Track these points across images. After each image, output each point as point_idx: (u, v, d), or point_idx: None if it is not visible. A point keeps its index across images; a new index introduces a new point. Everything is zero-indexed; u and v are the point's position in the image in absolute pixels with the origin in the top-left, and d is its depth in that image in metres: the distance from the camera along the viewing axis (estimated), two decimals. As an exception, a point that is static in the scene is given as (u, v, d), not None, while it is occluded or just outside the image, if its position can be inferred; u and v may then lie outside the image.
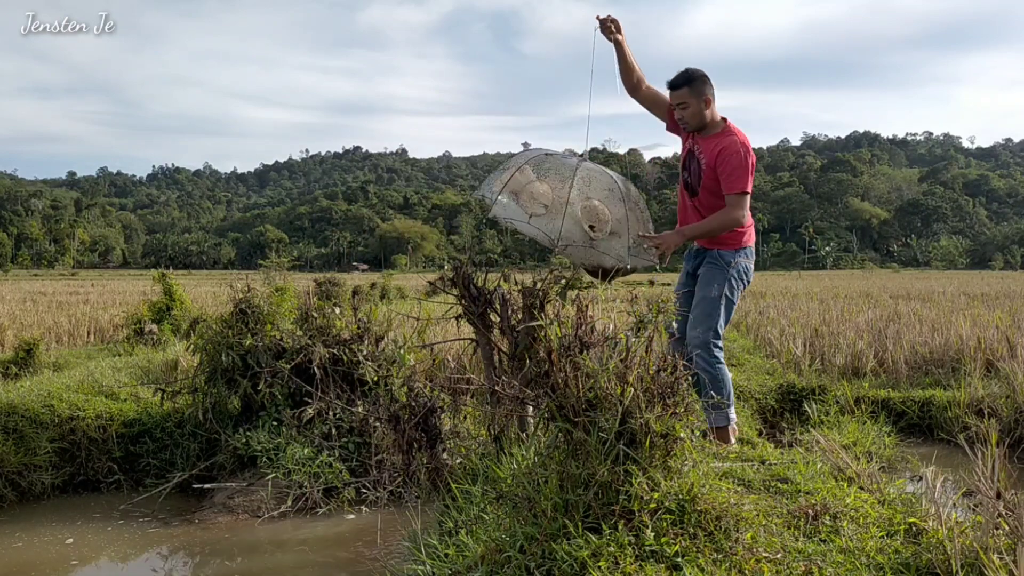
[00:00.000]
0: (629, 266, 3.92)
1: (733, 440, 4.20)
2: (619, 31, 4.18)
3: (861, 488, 3.16)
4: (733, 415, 4.27)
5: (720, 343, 4.20)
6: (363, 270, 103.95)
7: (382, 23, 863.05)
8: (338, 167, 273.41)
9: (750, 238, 4.29)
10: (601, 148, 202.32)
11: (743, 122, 4.25)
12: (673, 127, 4.37)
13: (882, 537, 2.59)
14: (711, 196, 4.18)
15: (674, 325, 3.93)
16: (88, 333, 12.57)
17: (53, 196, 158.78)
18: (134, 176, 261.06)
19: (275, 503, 4.93)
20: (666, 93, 4.22)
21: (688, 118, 4.14)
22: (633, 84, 4.33)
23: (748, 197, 4.08)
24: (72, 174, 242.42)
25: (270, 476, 5.00)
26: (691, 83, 4.08)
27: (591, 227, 3.72)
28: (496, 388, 4.56)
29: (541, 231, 3.67)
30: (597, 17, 4.16)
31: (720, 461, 3.54)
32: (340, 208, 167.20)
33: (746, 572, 2.32)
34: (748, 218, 4.20)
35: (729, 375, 4.29)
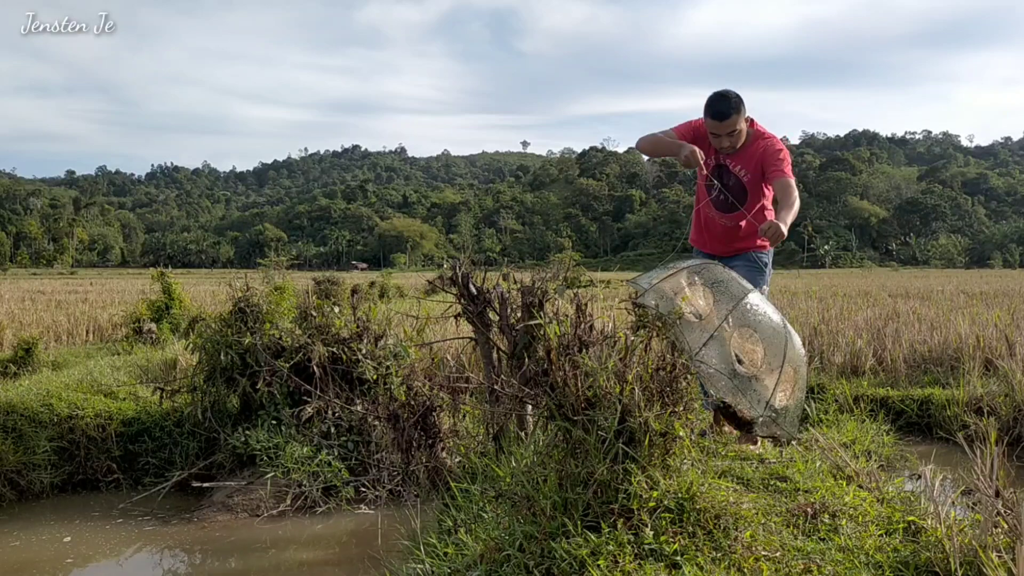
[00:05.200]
0: (758, 423, 3.34)
1: (759, 443, 4.19)
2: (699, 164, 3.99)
3: (860, 486, 3.16)
4: None
5: None
6: (362, 269, 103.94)
7: (380, 22, 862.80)
8: (337, 166, 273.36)
9: None
10: (600, 147, 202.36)
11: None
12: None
13: (881, 535, 2.59)
14: (755, 205, 4.16)
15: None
16: (87, 332, 12.56)
17: (52, 195, 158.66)
18: (133, 175, 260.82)
19: (274, 502, 4.93)
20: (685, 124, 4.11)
21: (735, 143, 4.02)
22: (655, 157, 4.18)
23: None
24: (71, 173, 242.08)
25: (269, 475, 5.00)
26: (739, 110, 3.96)
27: (738, 360, 3.32)
28: (495, 387, 4.57)
29: (683, 336, 3.27)
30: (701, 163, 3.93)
31: (719, 460, 3.54)
32: (339, 207, 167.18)
33: (745, 570, 2.32)
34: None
35: None
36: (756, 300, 3.47)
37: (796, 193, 3.95)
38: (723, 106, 3.94)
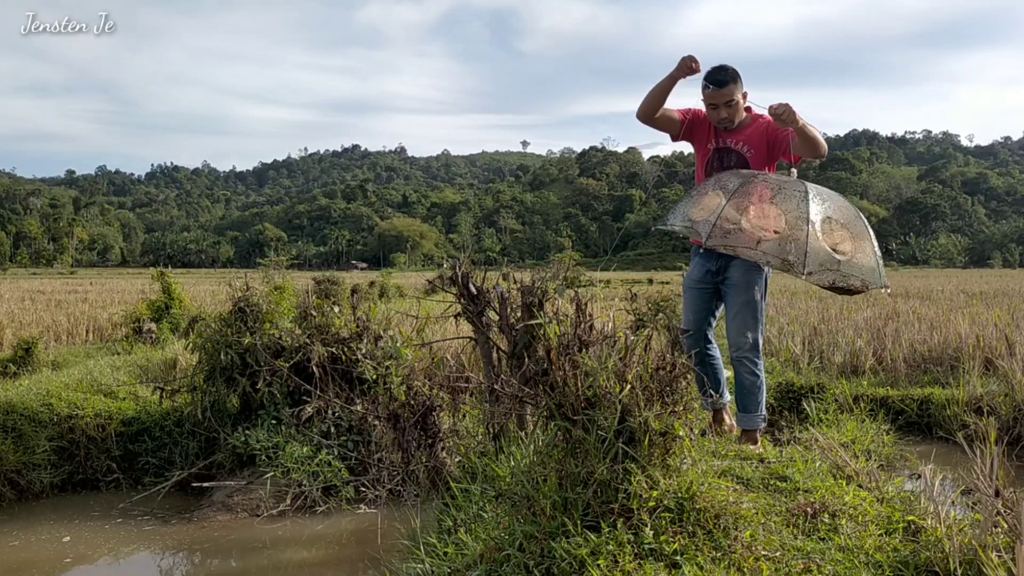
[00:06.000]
0: (873, 287, 3.44)
1: (759, 442, 4.19)
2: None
3: (860, 486, 3.16)
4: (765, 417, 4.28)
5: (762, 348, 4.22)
6: (362, 268, 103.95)
7: (380, 21, 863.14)
8: (337, 165, 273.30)
9: None
10: (600, 147, 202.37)
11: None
12: (685, 134, 4.20)
13: (881, 535, 2.59)
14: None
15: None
16: (87, 332, 12.56)
17: (52, 195, 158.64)
18: (133, 175, 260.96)
19: (274, 501, 4.93)
20: (683, 101, 4.08)
21: (732, 115, 4.00)
22: (655, 112, 4.10)
23: None
24: (71, 172, 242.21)
25: (269, 475, 5.00)
26: (736, 81, 3.96)
27: (834, 248, 3.35)
28: (495, 386, 4.57)
29: (779, 257, 3.30)
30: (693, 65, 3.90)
31: (719, 459, 3.54)
32: (339, 207, 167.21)
33: (745, 570, 2.32)
34: None
35: None
36: (812, 189, 3.50)
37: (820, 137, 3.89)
38: (722, 75, 3.94)
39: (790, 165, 3.97)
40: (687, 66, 3.85)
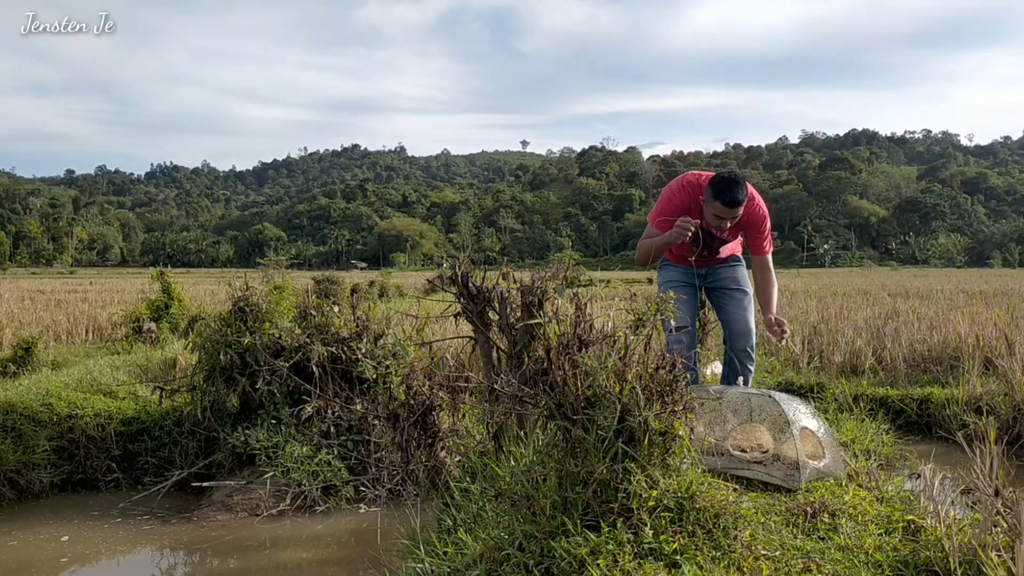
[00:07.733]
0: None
1: None
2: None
3: (859, 486, 3.16)
4: None
5: None
6: (362, 268, 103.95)
7: (379, 21, 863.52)
8: (336, 165, 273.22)
9: None
10: (600, 146, 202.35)
11: (741, 120, 4.29)
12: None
13: (880, 535, 2.59)
14: (729, 246, 4.49)
15: (672, 322, 3.95)
16: (86, 331, 12.55)
17: (51, 194, 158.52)
18: (132, 174, 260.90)
19: (274, 501, 4.93)
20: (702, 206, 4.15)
21: (731, 224, 4.10)
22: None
23: None
24: (70, 172, 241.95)
25: (269, 474, 5.00)
26: (746, 198, 4.01)
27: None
28: (495, 386, 4.56)
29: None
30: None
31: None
32: (338, 206, 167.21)
33: (745, 570, 2.32)
34: None
35: None
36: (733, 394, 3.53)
37: (773, 273, 4.32)
38: (739, 194, 3.95)
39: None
40: (686, 232, 4.01)
